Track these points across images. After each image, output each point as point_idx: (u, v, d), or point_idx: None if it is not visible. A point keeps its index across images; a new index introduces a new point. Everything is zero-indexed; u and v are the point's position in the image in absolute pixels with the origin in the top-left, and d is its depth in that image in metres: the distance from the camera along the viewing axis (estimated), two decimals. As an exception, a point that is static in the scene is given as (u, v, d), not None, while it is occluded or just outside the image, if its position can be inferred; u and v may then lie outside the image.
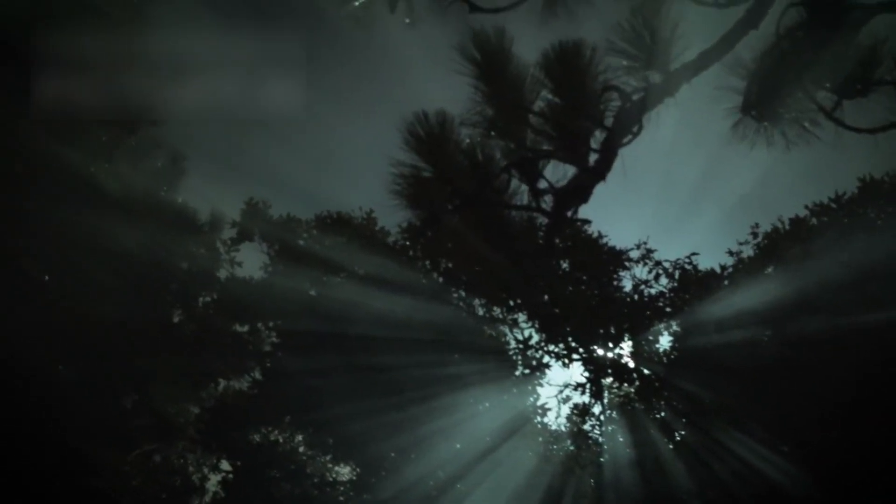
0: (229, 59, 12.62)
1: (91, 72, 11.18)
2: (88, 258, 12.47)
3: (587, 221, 11.55)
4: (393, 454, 13.29)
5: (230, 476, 13.40)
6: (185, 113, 13.21)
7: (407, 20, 5.04)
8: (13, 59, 10.77)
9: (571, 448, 13.64)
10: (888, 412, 11.69)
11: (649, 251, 13.59)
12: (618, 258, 13.50)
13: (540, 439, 13.76)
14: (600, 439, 13.56)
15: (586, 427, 13.60)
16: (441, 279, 13.53)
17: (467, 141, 5.29)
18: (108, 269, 13.10)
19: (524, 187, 5.43)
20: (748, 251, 13.58)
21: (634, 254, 13.57)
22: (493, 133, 5.33)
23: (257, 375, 13.88)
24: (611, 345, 13.40)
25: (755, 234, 13.58)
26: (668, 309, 13.53)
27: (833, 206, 13.17)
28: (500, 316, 13.73)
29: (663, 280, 13.55)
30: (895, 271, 12.28)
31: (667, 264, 13.55)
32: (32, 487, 11.67)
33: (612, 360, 13.39)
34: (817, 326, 12.28)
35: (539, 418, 13.84)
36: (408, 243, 13.52)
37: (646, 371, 13.40)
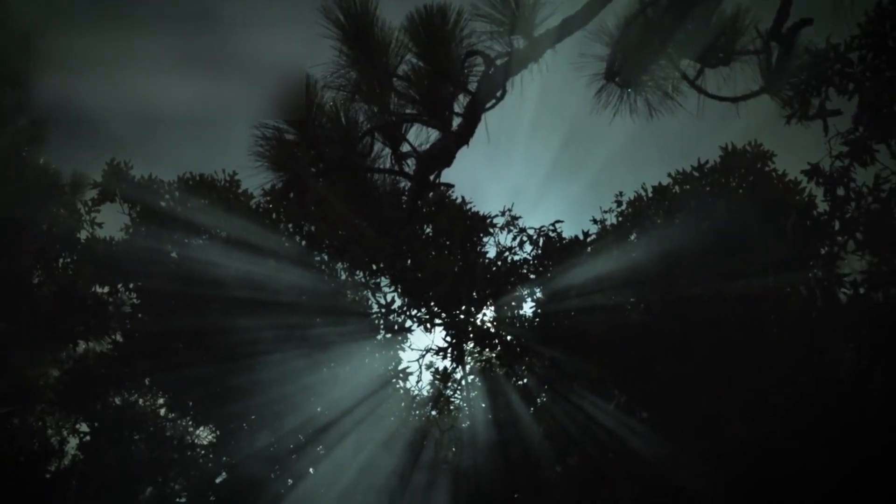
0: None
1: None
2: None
3: (450, 186, 11.57)
4: (253, 417, 13.25)
5: (87, 438, 13.28)
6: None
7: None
8: None
9: (433, 413, 13.69)
10: (745, 374, 11.87)
11: (514, 218, 13.61)
12: (482, 224, 13.49)
13: (402, 404, 13.80)
14: (461, 404, 13.62)
15: (447, 392, 13.65)
16: (304, 243, 13.44)
17: (331, 104, 5.22)
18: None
19: (388, 151, 5.41)
20: (612, 219, 13.64)
21: (499, 220, 13.60)
22: (357, 96, 5.25)
23: (118, 337, 13.73)
24: (473, 310, 13.41)
25: (619, 203, 13.62)
26: (531, 276, 13.56)
27: (696, 174, 13.23)
28: (363, 280, 13.69)
29: (528, 247, 13.58)
30: (755, 239, 12.43)
31: (531, 231, 13.57)
32: None
33: (475, 325, 13.40)
34: (678, 292, 12.40)
35: (401, 383, 13.88)
36: (271, 206, 13.39)
37: (508, 336, 13.45)
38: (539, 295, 13.50)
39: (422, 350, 13.67)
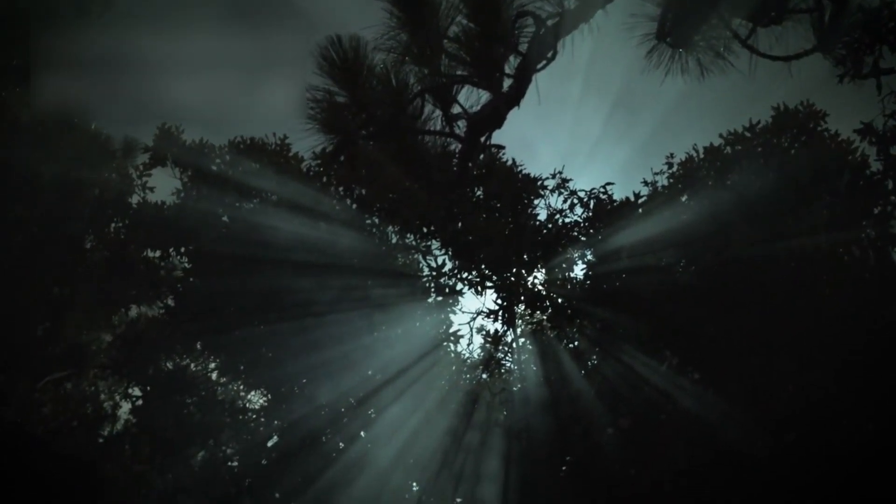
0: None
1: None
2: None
3: (501, 147, 11.57)
4: (304, 380, 13.27)
5: (140, 403, 13.35)
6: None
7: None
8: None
9: (484, 376, 13.67)
10: (797, 337, 11.79)
11: (564, 181, 13.56)
12: (533, 186, 13.46)
13: (453, 367, 13.80)
14: (512, 366, 13.60)
15: (498, 354, 13.62)
16: (354, 205, 13.45)
17: (381, 66, 5.22)
18: (19, 197, 12.94)
19: (438, 113, 5.41)
20: (663, 180, 13.59)
21: (550, 182, 13.55)
22: (407, 59, 5.25)
23: (170, 302, 13.78)
24: (524, 272, 13.39)
25: (670, 164, 13.58)
26: (582, 238, 13.53)
27: (747, 134, 13.17)
28: (414, 243, 13.69)
29: (578, 209, 13.55)
30: (806, 199, 12.36)
31: (582, 194, 13.54)
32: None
33: (525, 287, 13.38)
34: (729, 253, 12.34)
35: (451, 346, 13.87)
36: (321, 169, 13.41)
37: (559, 299, 13.42)
38: (590, 257, 13.46)
39: (472, 313, 13.67)
